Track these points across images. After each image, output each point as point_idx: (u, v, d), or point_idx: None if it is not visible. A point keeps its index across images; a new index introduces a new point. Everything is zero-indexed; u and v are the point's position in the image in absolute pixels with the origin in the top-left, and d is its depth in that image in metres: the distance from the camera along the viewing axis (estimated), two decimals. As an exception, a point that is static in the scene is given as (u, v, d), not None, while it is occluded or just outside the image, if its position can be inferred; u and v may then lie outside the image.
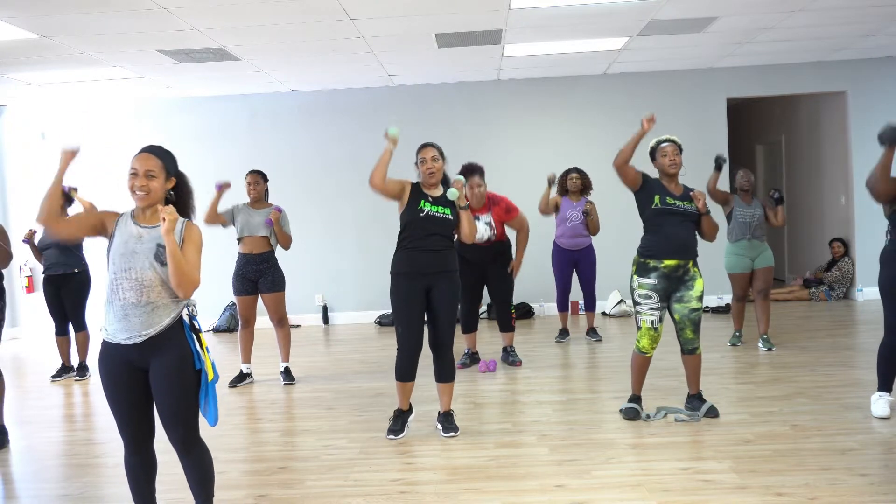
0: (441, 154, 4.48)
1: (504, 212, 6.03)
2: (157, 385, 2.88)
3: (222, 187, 5.87)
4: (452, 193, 4.30)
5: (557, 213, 7.12)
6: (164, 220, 2.78)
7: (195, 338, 2.94)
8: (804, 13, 6.63)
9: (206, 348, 2.98)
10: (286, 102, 9.25)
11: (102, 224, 2.98)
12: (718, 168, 6.38)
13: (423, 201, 4.36)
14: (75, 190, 6.57)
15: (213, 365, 2.98)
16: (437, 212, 4.35)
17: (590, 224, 6.99)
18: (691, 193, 4.50)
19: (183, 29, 6.07)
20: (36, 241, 6.68)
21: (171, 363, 2.86)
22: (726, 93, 9.12)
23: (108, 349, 2.91)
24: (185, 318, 2.94)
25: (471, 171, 5.89)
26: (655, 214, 4.42)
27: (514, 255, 6.22)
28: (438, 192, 4.45)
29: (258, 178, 6.04)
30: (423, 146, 4.51)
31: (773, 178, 11.60)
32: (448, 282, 4.39)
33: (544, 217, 7.18)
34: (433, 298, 4.38)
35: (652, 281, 4.41)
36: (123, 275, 2.85)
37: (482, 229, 5.93)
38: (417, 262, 4.35)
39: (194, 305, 2.99)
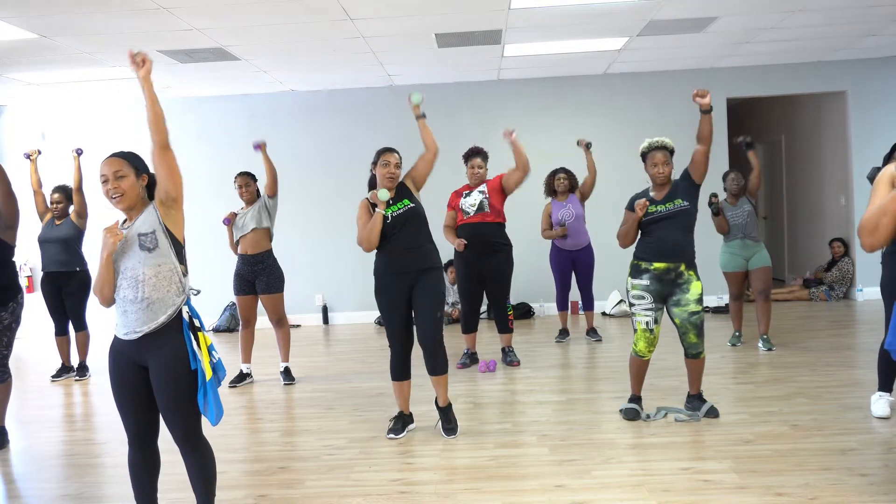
0: (401, 162, 4.44)
1: (498, 181, 6.08)
2: (155, 382, 2.90)
3: (230, 221, 5.98)
4: (416, 98, 4.43)
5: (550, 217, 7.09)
6: (141, 64, 2.91)
7: (193, 336, 2.93)
8: (804, 13, 6.63)
9: (210, 346, 2.98)
10: (286, 102, 9.26)
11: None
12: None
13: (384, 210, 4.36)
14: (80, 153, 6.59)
15: (219, 363, 3.00)
16: (397, 209, 4.35)
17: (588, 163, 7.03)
18: (695, 91, 4.45)
19: (183, 29, 6.08)
20: (35, 157, 6.63)
21: (166, 361, 2.88)
22: (726, 93, 9.11)
23: (115, 345, 2.97)
24: (186, 316, 2.94)
25: (476, 152, 6.15)
26: (644, 224, 4.49)
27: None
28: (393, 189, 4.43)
29: (247, 180, 6.03)
30: (387, 150, 4.45)
31: (773, 178, 11.60)
32: (429, 278, 4.39)
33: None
34: (415, 295, 4.38)
35: (644, 282, 4.42)
36: (122, 275, 2.91)
37: (475, 197, 6.03)
38: (397, 262, 4.37)
39: (196, 292, 3.05)
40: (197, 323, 2.98)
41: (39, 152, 6.73)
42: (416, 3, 5.78)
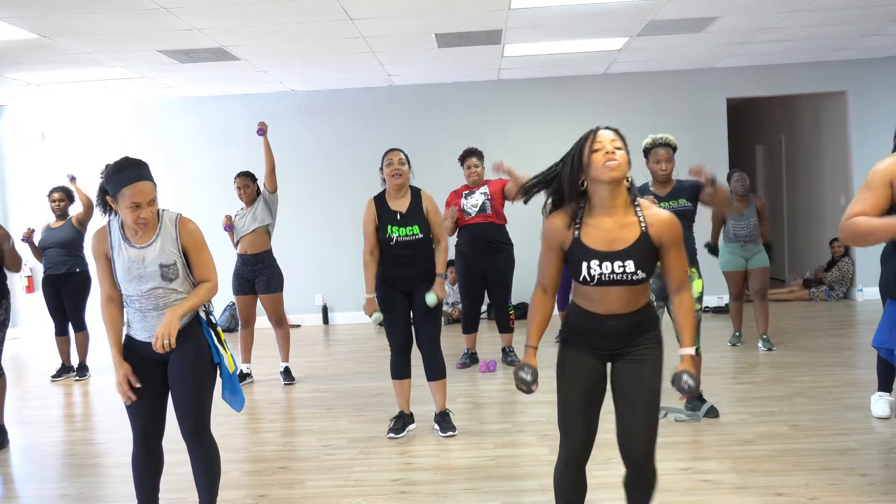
0: (408, 161, 4.39)
1: (500, 186, 6.13)
2: (173, 376, 2.96)
3: (230, 227, 6.01)
4: (431, 299, 4.32)
5: None
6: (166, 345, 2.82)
7: (213, 332, 3.02)
8: (804, 13, 6.63)
9: (224, 341, 3.06)
10: (286, 102, 9.25)
11: (105, 254, 2.96)
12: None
13: (389, 227, 4.32)
14: (74, 179, 6.65)
15: (232, 355, 3.08)
16: (406, 234, 4.32)
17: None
18: (690, 167, 4.43)
19: (183, 29, 6.07)
20: (35, 240, 6.69)
21: (188, 355, 2.94)
22: (726, 93, 9.12)
23: (130, 342, 3.00)
24: (202, 314, 3.01)
25: (470, 153, 6.15)
26: None
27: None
28: (405, 202, 4.36)
29: (247, 181, 6.02)
30: (391, 150, 4.40)
31: (773, 178, 11.60)
32: (429, 285, 4.40)
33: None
34: (414, 302, 4.41)
35: None
36: (135, 292, 2.91)
37: (477, 198, 6.04)
38: (396, 274, 4.39)
39: (209, 301, 3.06)
40: (213, 320, 3.06)
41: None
42: (416, 3, 5.77)
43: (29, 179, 9.28)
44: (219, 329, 3.06)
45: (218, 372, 3.07)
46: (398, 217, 4.33)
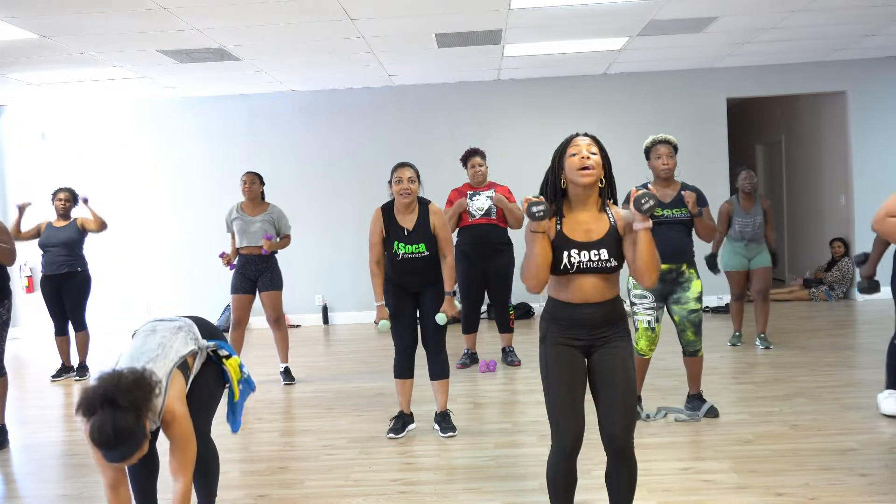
0: (418, 176, 4.35)
1: (507, 192, 6.14)
2: (191, 386, 3.06)
3: (234, 266, 6.02)
4: (441, 318, 4.36)
5: None
6: None
7: (222, 364, 3.17)
8: (804, 13, 6.63)
9: (241, 365, 3.19)
10: (286, 102, 9.25)
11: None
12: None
13: (396, 243, 4.32)
14: (87, 201, 6.67)
15: (248, 378, 3.24)
16: (412, 252, 4.32)
17: None
18: (683, 193, 4.48)
19: (183, 29, 6.07)
20: (26, 209, 6.65)
21: (203, 374, 3.09)
22: (726, 93, 9.12)
23: None
24: (210, 353, 3.14)
25: (473, 152, 6.15)
26: None
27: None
28: (412, 217, 4.35)
29: (253, 178, 6.06)
30: (400, 165, 4.35)
31: (774, 178, 11.61)
32: (436, 286, 4.42)
33: None
34: (421, 303, 4.45)
35: None
36: None
37: (483, 201, 6.04)
38: (403, 281, 4.42)
39: (206, 347, 3.12)
40: (223, 352, 3.17)
41: (29, 204, 6.72)
42: (416, 3, 5.77)
43: (29, 179, 9.27)
44: (234, 358, 3.17)
45: (226, 388, 3.23)
46: (405, 233, 4.33)
